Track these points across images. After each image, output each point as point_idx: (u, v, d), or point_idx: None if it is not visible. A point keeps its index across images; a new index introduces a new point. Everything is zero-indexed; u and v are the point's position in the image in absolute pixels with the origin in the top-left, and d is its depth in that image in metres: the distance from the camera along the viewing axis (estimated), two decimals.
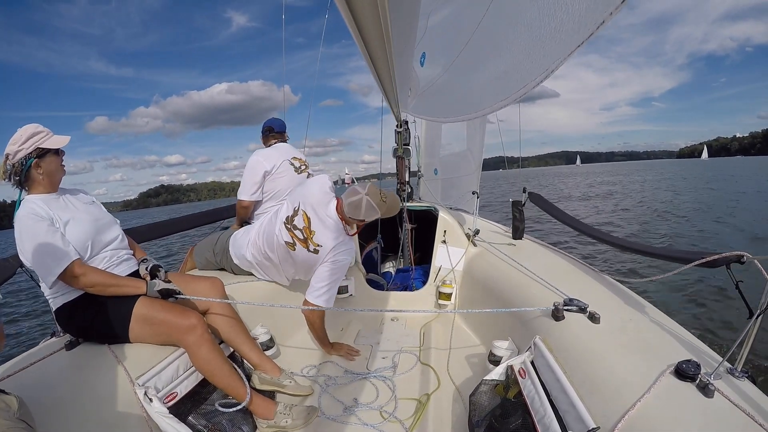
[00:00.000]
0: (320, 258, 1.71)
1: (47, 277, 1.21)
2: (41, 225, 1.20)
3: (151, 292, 1.34)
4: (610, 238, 1.79)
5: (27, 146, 1.23)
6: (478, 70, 1.60)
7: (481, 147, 3.40)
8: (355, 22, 1.17)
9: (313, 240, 1.71)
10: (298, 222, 1.74)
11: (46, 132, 1.27)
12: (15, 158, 1.23)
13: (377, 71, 1.70)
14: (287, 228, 1.76)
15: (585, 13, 0.75)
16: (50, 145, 1.27)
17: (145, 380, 1.21)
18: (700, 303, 3.55)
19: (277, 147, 2.42)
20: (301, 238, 1.73)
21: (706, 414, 0.83)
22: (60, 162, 1.33)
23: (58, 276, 1.19)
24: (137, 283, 1.35)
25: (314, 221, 1.71)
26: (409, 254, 2.92)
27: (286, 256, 1.81)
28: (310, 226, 1.72)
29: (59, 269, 1.19)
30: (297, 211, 1.75)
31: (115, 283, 1.31)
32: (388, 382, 1.63)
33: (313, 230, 1.71)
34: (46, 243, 1.19)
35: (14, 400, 0.77)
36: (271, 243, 1.82)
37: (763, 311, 0.95)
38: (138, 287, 1.33)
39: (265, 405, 1.38)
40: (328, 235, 1.69)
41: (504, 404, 1.24)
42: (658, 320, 1.24)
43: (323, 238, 1.70)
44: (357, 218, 1.67)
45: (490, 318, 1.87)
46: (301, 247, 1.74)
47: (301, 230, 1.73)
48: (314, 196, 1.74)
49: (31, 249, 1.19)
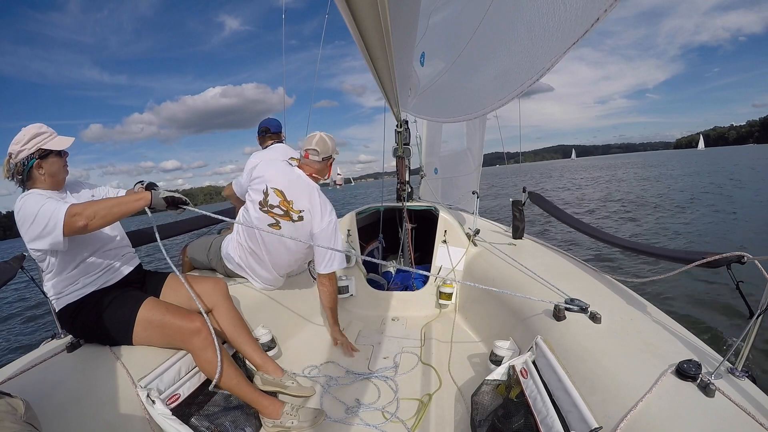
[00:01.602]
0: (308, 224, 1.77)
1: (52, 236, 1.13)
2: (40, 197, 1.17)
3: (156, 200, 1.29)
4: (611, 238, 1.79)
5: (29, 147, 1.22)
6: (478, 69, 1.60)
7: (481, 146, 3.41)
8: (356, 23, 1.17)
9: (294, 208, 1.76)
10: (273, 200, 1.77)
11: (49, 133, 1.26)
12: (17, 158, 1.23)
13: (377, 71, 1.70)
14: (264, 212, 1.78)
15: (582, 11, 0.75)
16: (53, 147, 1.26)
17: (148, 382, 1.21)
18: (701, 303, 3.55)
19: (275, 148, 2.41)
20: (281, 213, 1.77)
21: (707, 413, 0.83)
22: (63, 163, 1.31)
23: (64, 228, 1.12)
24: (140, 195, 1.28)
25: (287, 191, 1.77)
26: (410, 254, 2.93)
27: (275, 242, 1.81)
28: (285, 197, 1.76)
29: (60, 213, 1.11)
30: (267, 192, 1.78)
31: (118, 201, 1.24)
32: (389, 382, 1.64)
33: (290, 200, 1.76)
34: (44, 205, 1.14)
35: (20, 403, 0.77)
36: (253, 236, 1.82)
37: (763, 311, 0.96)
38: (142, 198, 1.27)
39: (272, 404, 1.38)
40: (305, 196, 1.76)
41: (506, 404, 1.24)
42: (659, 320, 1.24)
43: (302, 200, 1.76)
44: (310, 147, 1.77)
45: (491, 318, 1.88)
46: (285, 222, 1.78)
47: (278, 206, 1.77)
48: (276, 170, 1.79)
49: (31, 216, 1.13)
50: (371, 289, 2.52)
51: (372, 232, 2.96)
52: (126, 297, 1.33)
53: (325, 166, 1.85)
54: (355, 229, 2.66)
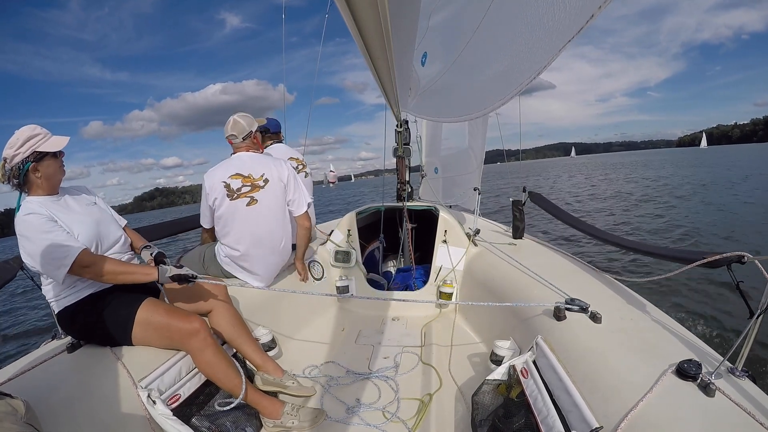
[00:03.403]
0: (276, 182, 1.90)
1: (57, 271, 1.17)
2: (43, 221, 1.18)
3: (163, 279, 1.31)
4: (611, 238, 1.79)
5: (24, 150, 1.20)
6: (479, 69, 1.60)
7: (483, 145, 3.41)
8: (355, 23, 1.17)
9: (255, 177, 1.87)
10: (236, 185, 1.84)
11: (43, 134, 1.24)
12: (12, 162, 1.21)
13: (377, 71, 1.70)
14: (235, 199, 1.83)
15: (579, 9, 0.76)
16: (47, 148, 1.24)
17: (148, 382, 1.21)
18: (701, 303, 3.56)
19: (274, 148, 2.41)
20: (249, 188, 1.86)
21: (707, 413, 0.83)
22: (59, 164, 1.30)
23: (69, 268, 1.16)
24: (148, 270, 1.31)
25: (242, 170, 1.86)
26: (410, 254, 2.93)
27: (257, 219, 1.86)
28: (243, 175, 1.85)
29: (69, 260, 1.15)
30: (227, 184, 1.83)
31: (126, 270, 1.28)
32: (390, 382, 1.64)
33: (249, 173, 1.86)
34: (50, 238, 1.16)
35: (21, 404, 0.77)
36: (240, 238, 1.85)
37: (763, 311, 0.96)
38: (149, 273, 1.30)
39: (273, 404, 1.38)
40: (257, 165, 1.88)
41: (507, 404, 1.24)
42: (660, 320, 1.25)
43: (257, 169, 1.87)
44: (228, 134, 1.89)
45: (491, 318, 1.88)
46: (258, 193, 1.86)
47: (243, 186, 1.85)
48: (220, 170, 1.86)
49: (36, 246, 1.16)
50: (371, 289, 2.52)
51: (372, 232, 2.96)
52: (125, 298, 1.33)
53: (251, 143, 1.94)
54: (355, 229, 2.66)
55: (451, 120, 2.39)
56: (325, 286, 2.40)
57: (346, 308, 2.41)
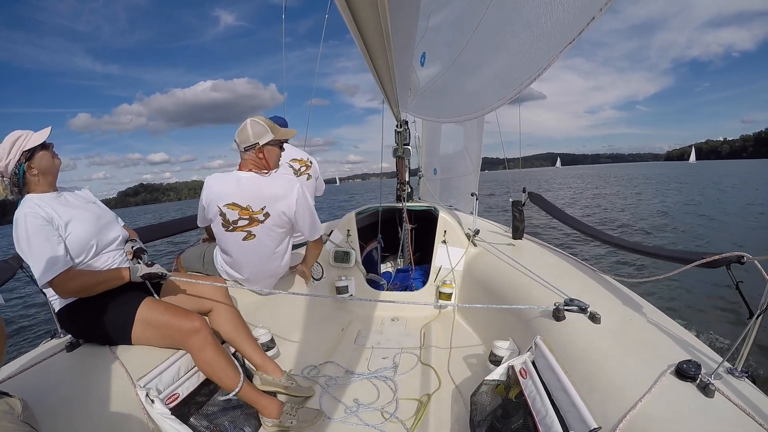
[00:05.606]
0: (277, 215, 1.68)
1: (40, 276, 1.19)
2: (39, 226, 1.19)
3: (134, 278, 1.33)
4: (611, 238, 1.79)
5: (13, 155, 1.22)
6: (478, 69, 1.61)
7: (479, 148, 3.41)
8: (356, 23, 1.17)
9: (254, 211, 1.66)
10: (232, 216, 1.66)
11: (25, 134, 1.25)
12: (7, 171, 1.23)
13: (377, 71, 1.70)
14: (231, 231, 1.70)
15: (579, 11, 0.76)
16: (34, 143, 1.24)
17: (147, 381, 1.21)
18: (701, 303, 3.56)
19: None
20: (247, 222, 1.68)
21: (706, 414, 0.83)
22: (51, 154, 1.30)
23: (49, 281, 1.19)
24: (120, 273, 1.32)
25: (239, 200, 1.65)
26: (409, 254, 2.92)
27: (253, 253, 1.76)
28: (241, 207, 1.66)
29: (51, 275, 1.18)
30: (223, 213, 1.67)
31: (99, 281, 1.28)
32: (388, 382, 1.64)
33: (248, 205, 1.65)
34: (42, 246, 1.18)
35: (18, 402, 0.77)
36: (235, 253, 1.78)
37: (763, 311, 0.96)
38: (122, 276, 1.31)
39: (271, 404, 1.38)
40: (255, 194, 1.65)
41: (505, 404, 1.24)
42: (659, 320, 1.24)
43: (257, 200, 1.65)
44: (249, 143, 1.64)
45: (490, 318, 1.87)
46: (256, 228, 1.69)
47: (240, 218, 1.67)
48: (219, 186, 1.67)
49: (27, 250, 1.18)
50: (371, 289, 2.52)
51: (372, 232, 2.96)
52: (124, 297, 1.33)
53: (255, 156, 1.68)
54: (354, 229, 2.66)
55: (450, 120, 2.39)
56: (324, 287, 2.39)
57: (346, 308, 2.41)
